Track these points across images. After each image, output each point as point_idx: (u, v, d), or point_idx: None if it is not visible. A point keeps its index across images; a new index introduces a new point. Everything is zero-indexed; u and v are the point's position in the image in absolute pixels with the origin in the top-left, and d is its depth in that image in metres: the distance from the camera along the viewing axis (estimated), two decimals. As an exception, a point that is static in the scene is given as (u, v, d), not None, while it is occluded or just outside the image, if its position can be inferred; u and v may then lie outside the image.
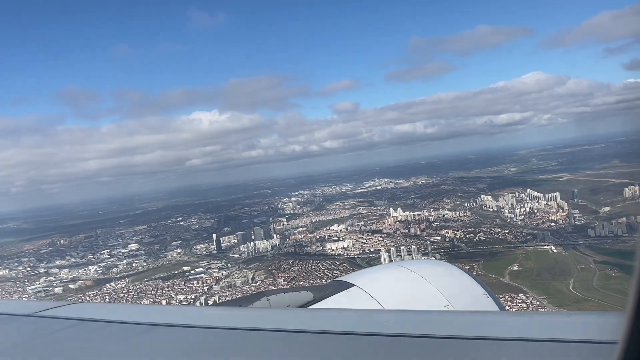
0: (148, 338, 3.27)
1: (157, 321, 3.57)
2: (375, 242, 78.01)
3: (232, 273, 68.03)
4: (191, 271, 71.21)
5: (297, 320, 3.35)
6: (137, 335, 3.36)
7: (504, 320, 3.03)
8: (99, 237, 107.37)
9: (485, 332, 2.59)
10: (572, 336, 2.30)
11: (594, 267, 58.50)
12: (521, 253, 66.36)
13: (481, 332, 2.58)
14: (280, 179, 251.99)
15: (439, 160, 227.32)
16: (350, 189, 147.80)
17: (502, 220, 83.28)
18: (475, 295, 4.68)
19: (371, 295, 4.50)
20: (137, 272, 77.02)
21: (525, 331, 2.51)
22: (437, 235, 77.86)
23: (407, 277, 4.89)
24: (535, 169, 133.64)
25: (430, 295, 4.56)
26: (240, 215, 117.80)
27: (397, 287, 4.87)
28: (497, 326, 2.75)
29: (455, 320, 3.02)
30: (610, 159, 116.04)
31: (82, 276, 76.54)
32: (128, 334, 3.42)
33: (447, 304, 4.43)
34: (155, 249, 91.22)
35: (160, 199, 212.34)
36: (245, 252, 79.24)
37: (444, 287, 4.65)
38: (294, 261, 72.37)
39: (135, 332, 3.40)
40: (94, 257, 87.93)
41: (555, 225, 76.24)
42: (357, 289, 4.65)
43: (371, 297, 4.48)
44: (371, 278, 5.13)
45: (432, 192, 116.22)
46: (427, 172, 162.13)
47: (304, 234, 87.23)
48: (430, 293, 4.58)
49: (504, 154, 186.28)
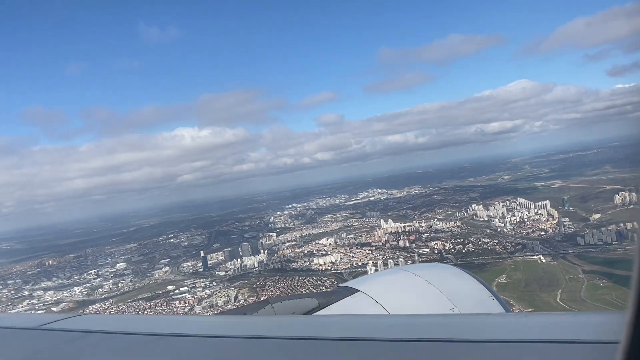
0: (155, 348, 3.25)
1: (163, 331, 3.53)
2: (363, 256, 76.90)
3: (216, 292, 66.81)
4: (175, 291, 69.96)
5: (302, 327, 3.36)
6: (143, 346, 3.34)
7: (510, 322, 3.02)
8: (88, 257, 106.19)
9: (491, 334, 2.58)
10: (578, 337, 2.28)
11: (583, 277, 57.46)
12: (510, 264, 65.32)
13: (487, 335, 2.57)
14: (275, 191, 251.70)
15: (434, 169, 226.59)
16: (344, 200, 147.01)
17: (493, 230, 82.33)
18: (481, 298, 4.68)
19: (376, 301, 4.51)
20: (122, 292, 75.74)
21: (532, 333, 2.49)
22: (426, 247, 76.78)
23: (412, 281, 4.91)
24: (528, 177, 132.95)
25: (435, 298, 4.56)
26: (231, 231, 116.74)
27: (402, 291, 4.90)
28: (503, 328, 2.72)
29: (460, 323, 3.00)
30: (602, 164, 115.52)
31: (66, 298, 75.25)
32: (135, 345, 3.40)
33: (453, 307, 4.42)
34: (143, 268, 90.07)
35: (155, 215, 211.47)
36: (232, 269, 78.05)
37: (449, 290, 4.65)
38: (280, 277, 71.19)
39: (141, 343, 3.39)
40: (81, 277, 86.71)
41: (545, 234, 75.26)
42: (362, 295, 4.66)
43: (376, 303, 4.49)
44: (376, 283, 5.15)
45: (424, 202, 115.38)
46: (422, 181, 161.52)
47: (292, 248, 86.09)
48: (435, 297, 4.58)
49: (498, 162, 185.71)
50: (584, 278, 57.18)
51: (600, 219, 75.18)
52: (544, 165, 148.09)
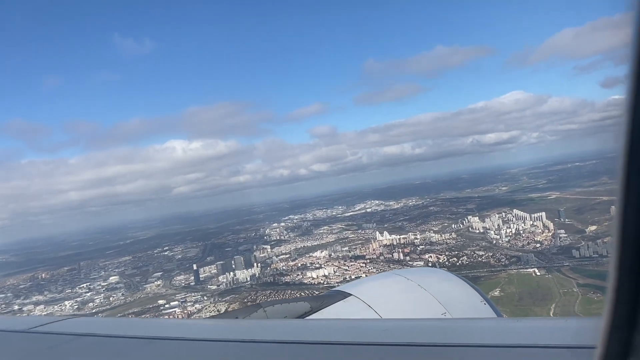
0: (146, 352, 3.24)
1: (154, 335, 3.53)
2: (357, 269, 76.03)
3: (206, 307, 65.89)
4: (166, 305, 69.05)
5: (294, 331, 3.34)
6: (134, 349, 3.32)
7: (502, 326, 3.01)
8: (82, 270, 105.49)
9: (483, 339, 2.59)
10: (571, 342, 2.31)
11: (577, 291, 56.55)
12: (504, 277, 64.43)
13: (479, 340, 2.58)
14: (274, 203, 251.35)
15: (433, 180, 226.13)
16: (341, 212, 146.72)
17: (488, 242, 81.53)
18: (473, 302, 4.68)
19: (369, 305, 4.50)
20: (113, 306, 74.83)
21: (524, 338, 2.52)
22: (420, 260, 75.93)
23: (405, 285, 4.90)
24: (525, 188, 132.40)
25: (428, 303, 4.55)
26: (226, 243, 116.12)
27: (395, 295, 4.88)
28: (495, 333, 2.74)
29: (453, 328, 3.01)
30: (599, 175, 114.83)
31: (56, 312, 74.25)
32: (125, 349, 3.37)
33: (445, 311, 4.42)
34: (135, 281, 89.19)
35: (152, 227, 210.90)
36: (224, 283, 77.18)
37: (441, 294, 4.64)
38: (272, 292, 70.26)
39: (132, 347, 3.37)
40: (72, 291, 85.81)
41: (541, 246, 74.43)
42: (354, 299, 4.65)
43: (369, 307, 4.48)
44: (368, 287, 5.12)
45: (420, 214, 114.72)
46: (420, 192, 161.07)
47: (286, 261, 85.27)
48: (427, 301, 4.58)
49: (496, 173, 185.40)
50: (578, 292, 56.27)
51: (597, 230, 74.39)
52: (542, 176, 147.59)
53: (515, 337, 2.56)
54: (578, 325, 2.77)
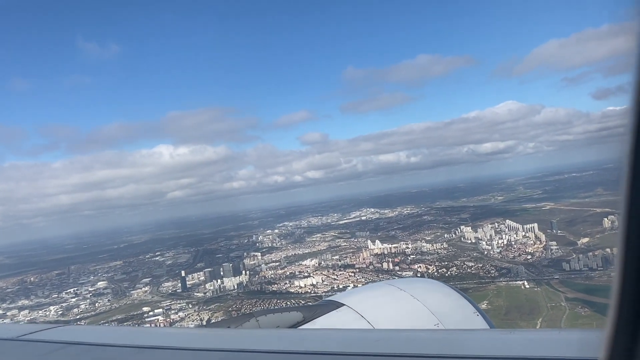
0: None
1: (144, 344, 3.48)
2: (345, 278, 75.19)
3: (189, 315, 64.93)
4: (150, 312, 68.04)
5: (286, 341, 3.32)
6: (124, 358, 3.30)
7: (495, 338, 3.00)
8: (71, 274, 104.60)
9: (475, 350, 2.60)
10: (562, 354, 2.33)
11: (565, 305, 55.64)
12: (493, 289, 63.53)
13: (472, 351, 2.59)
14: (270, 209, 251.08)
15: (430, 188, 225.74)
16: (336, 219, 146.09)
17: (479, 253, 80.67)
18: (466, 314, 4.66)
19: (361, 315, 4.49)
20: (97, 312, 73.87)
21: (516, 349, 2.53)
22: (409, 270, 75.04)
23: (397, 296, 4.88)
24: (521, 198, 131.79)
25: (421, 314, 4.54)
26: (218, 249, 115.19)
27: (388, 306, 4.84)
28: (488, 344, 2.74)
29: (445, 339, 3.00)
30: (594, 187, 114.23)
31: (40, 318, 73.34)
32: (115, 357, 3.36)
33: (438, 322, 4.40)
34: (123, 287, 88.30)
35: (147, 231, 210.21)
36: (211, 290, 76.19)
37: (434, 305, 4.62)
38: (257, 301, 69.27)
39: (122, 355, 3.35)
40: (59, 296, 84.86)
41: (532, 258, 73.55)
42: (347, 309, 4.64)
43: (361, 317, 4.46)
44: (361, 297, 5.11)
45: (414, 223, 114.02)
46: (415, 201, 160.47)
47: (275, 269, 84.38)
48: (420, 312, 4.56)
49: (493, 183, 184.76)
50: (566, 306, 55.36)
51: (588, 243, 73.57)
52: (538, 186, 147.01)
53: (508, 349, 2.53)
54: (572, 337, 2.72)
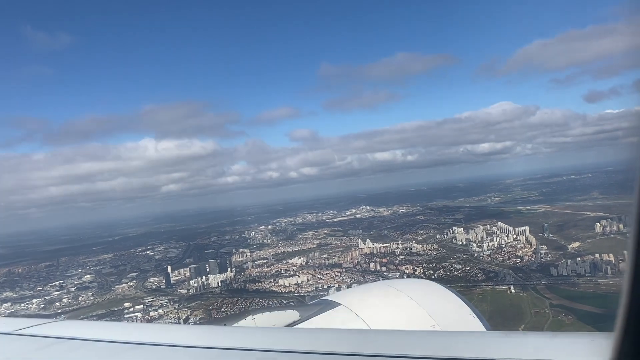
0: (131, 357, 3.21)
1: (140, 340, 3.45)
2: (331, 278, 74.15)
3: (168, 312, 63.96)
4: (130, 309, 67.14)
5: (283, 340, 3.30)
6: (120, 353, 3.30)
7: (491, 340, 3.01)
8: (60, 267, 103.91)
9: (471, 352, 2.59)
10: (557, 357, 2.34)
11: (549, 312, 54.46)
12: (478, 293, 62.29)
13: (467, 353, 2.59)
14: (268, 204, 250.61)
15: (428, 187, 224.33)
16: (332, 216, 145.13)
17: (469, 255, 79.46)
18: (462, 315, 4.66)
19: (358, 315, 4.48)
20: (79, 307, 73.03)
21: (512, 352, 2.53)
22: (396, 271, 73.91)
23: (394, 296, 4.89)
24: (517, 199, 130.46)
25: (417, 315, 4.51)
26: (209, 245, 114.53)
27: (384, 306, 4.85)
28: (484, 347, 2.73)
29: (441, 341, 2.99)
30: (590, 190, 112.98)
31: (21, 311, 72.64)
32: (111, 353, 3.34)
33: (434, 323, 4.37)
34: (110, 281, 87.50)
35: (144, 224, 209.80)
36: (194, 287, 75.20)
37: (431, 306, 4.62)
38: (239, 299, 68.26)
39: (118, 351, 3.34)
40: (43, 289, 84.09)
41: (521, 262, 72.30)
42: (343, 309, 4.63)
43: (358, 317, 4.46)
44: (358, 297, 5.13)
45: (407, 222, 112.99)
46: (413, 200, 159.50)
47: (261, 267, 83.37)
48: (416, 313, 4.54)
49: (491, 183, 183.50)
50: (550, 313, 54.16)
51: (579, 247, 72.31)
52: (535, 188, 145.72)
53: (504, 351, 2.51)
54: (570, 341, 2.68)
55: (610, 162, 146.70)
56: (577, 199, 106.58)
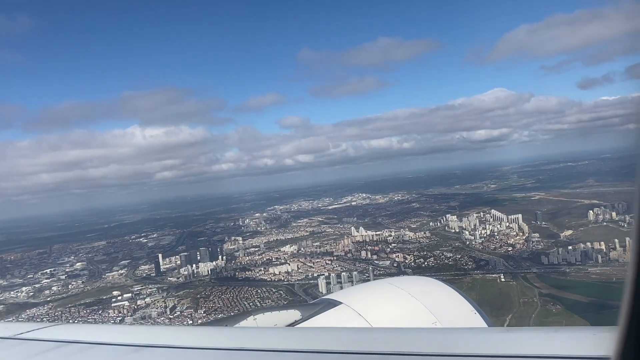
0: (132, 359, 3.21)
1: (142, 342, 3.46)
2: (321, 266, 73.68)
3: (156, 301, 63.47)
4: (118, 297, 66.65)
5: (284, 340, 3.32)
6: (121, 357, 3.30)
7: (493, 337, 2.99)
8: (53, 254, 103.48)
9: (473, 349, 2.59)
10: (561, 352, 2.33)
11: (537, 301, 53.99)
12: (468, 282, 61.80)
13: (469, 350, 2.59)
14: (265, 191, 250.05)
15: (426, 175, 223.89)
16: (328, 203, 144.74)
17: (461, 243, 78.96)
18: (463, 312, 4.70)
19: (359, 313, 4.52)
20: (68, 295, 72.57)
21: (514, 348, 2.53)
22: (387, 260, 73.47)
23: (395, 294, 4.94)
24: (513, 187, 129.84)
25: (418, 312, 4.56)
26: (202, 232, 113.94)
27: (385, 304, 4.90)
28: (486, 343, 2.73)
29: (443, 338, 2.99)
30: (586, 177, 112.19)
31: (9, 299, 72.32)
32: (112, 356, 3.35)
33: (436, 321, 4.43)
34: (101, 269, 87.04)
35: (141, 211, 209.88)
36: (184, 275, 74.73)
37: (432, 304, 4.65)
38: (228, 288, 67.81)
39: (119, 354, 3.35)
40: (34, 276, 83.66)
41: (512, 250, 71.80)
42: (345, 307, 4.65)
43: (359, 315, 4.50)
44: (359, 296, 5.17)
45: (402, 210, 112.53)
46: (409, 187, 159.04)
47: (252, 255, 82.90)
48: (418, 310, 4.58)
49: (489, 170, 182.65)
50: (538, 302, 53.69)
51: (571, 236, 71.77)
52: (532, 175, 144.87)
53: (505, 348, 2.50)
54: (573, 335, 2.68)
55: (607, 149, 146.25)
56: (572, 186, 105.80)
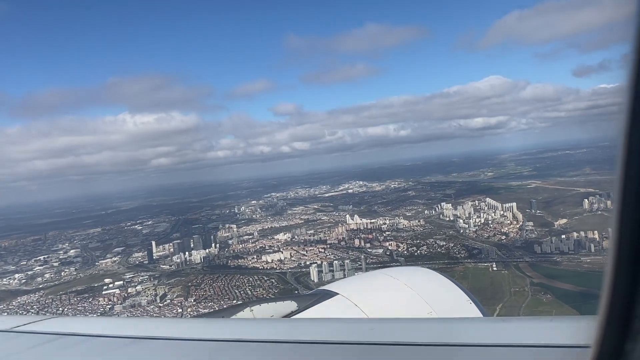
0: (129, 352, 3.21)
1: (138, 334, 3.46)
2: (314, 255, 73.39)
3: (147, 289, 63.27)
4: (110, 285, 66.46)
5: (281, 331, 3.34)
6: (118, 349, 3.30)
7: (488, 326, 3.02)
8: (47, 241, 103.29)
9: (469, 338, 2.61)
10: (555, 341, 2.36)
11: (528, 290, 53.73)
12: (460, 270, 61.47)
13: (465, 339, 2.61)
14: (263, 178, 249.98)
15: (424, 162, 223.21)
16: (324, 191, 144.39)
17: (455, 231, 78.59)
18: (459, 302, 4.74)
19: (355, 304, 4.53)
20: (60, 282, 72.36)
21: (509, 337, 2.56)
22: (380, 248, 73.17)
23: (391, 284, 4.97)
24: (510, 174, 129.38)
25: (414, 302, 4.60)
26: (198, 219, 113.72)
27: (381, 295, 4.93)
28: (481, 332, 2.76)
29: (438, 328, 3.01)
30: (583, 165, 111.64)
31: (2, 286, 72.21)
32: (109, 348, 3.34)
33: (431, 310, 4.47)
34: (95, 256, 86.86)
35: (138, 197, 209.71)
36: (177, 263, 74.48)
37: (427, 294, 4.69)
38: (219, 276, 67.58)
39: (116, 346, 3.35)
40: (27, 263, 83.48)
41: (506, 239, 71.48)
42: (341, 298, 4.67)
43: (355, 306, 4.51)
44: (355, 286, 5.20)
45: (398, 198, 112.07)
46: (407, 175, 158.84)
47: (246, 243, 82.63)
48: (413, 300, 4.63)
49: (486, 158, 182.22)
50: (529, 291, 53.43)
51: (565, 224, 71.38)
52: (529, 163, 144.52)
53: (500, 337, 2.53)
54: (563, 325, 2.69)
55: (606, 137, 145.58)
56: (569, 174, 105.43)
